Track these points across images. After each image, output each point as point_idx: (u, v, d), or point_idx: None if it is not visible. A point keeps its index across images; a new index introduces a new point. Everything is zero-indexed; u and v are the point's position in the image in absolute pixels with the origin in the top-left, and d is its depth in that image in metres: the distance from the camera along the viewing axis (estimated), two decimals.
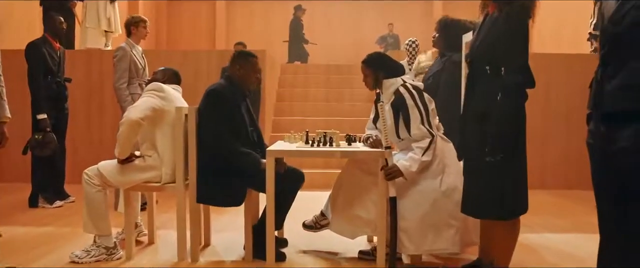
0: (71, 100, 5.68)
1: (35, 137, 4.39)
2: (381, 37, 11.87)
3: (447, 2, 12.59)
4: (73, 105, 5.71)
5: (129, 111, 2.89)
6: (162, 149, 3.01)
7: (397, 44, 11.57)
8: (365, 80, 3.03)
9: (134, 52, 4.41)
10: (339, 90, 7.52)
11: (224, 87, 2.99)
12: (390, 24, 11.94)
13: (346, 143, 3.10)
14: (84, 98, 5.88)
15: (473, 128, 2.42)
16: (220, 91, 2.96)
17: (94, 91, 5.89)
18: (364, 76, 3.03)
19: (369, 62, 2.99)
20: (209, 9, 12.60)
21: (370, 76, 2.98)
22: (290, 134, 3.32)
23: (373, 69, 2.96)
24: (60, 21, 4.66)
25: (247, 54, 3.11)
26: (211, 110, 2.92)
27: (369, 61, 2.99)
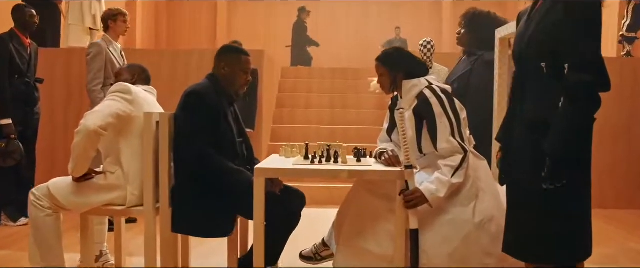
0: (49, 104, 5.15)
1: None
2: (388, 41, 11.36)
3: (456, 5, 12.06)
4: (51, 109, 5.18)
5: (86, 118, 2.33)
6: (128, 165, 2.45)
7: (405, 48, 11.03)
8: (380, 81, 2.46)
9: (111, 49, 3.86)
10: (345, 96, 6.95)
11: (207, 89, 2.42)
12: (397, 28, 11.45)
13: (354, 159, 2.53)
14: (63, 101, 5.33)
15: (523, 144, 1.83)
16: (202, 93, 2.39)
17: (73, 94, 5.34)
18: (378, 76, 2.47)
19: (385, 59, 2.42)
20: (211, 9, 12.10)
21: (387, 76, 2.41)
22: (286, 147, 2.74)
23: (390, 67, 2.40)
24: (31, 14, 4.12)
25: (235, 49, 2.55)
26: (190, 116, 2.35)
27: (385, 58, 2.43)
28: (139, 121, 2.43)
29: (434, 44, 4.79)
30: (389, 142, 2.62)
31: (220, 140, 2.38)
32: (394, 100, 2.56)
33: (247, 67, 2.50)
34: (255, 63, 5.06)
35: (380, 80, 2.46)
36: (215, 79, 2.48)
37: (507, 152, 1.97)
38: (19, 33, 4.08)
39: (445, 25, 12.22)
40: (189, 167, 2.36)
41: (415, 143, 2.33)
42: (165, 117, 2.40)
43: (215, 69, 2.50)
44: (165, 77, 5.07)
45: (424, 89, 2.32)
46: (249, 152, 2.60)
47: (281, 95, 6.97)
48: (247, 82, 2.52)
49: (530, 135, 1.79)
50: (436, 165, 2.26)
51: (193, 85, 2.45)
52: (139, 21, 10.35)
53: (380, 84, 2.48)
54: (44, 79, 4.29)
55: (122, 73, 2.68)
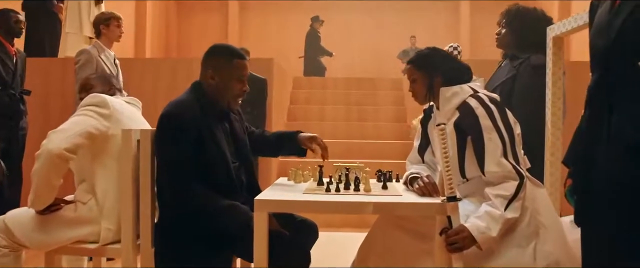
0: (41, 118, 4.76)
1: None
2: (403, 51, 10.95)
3: (474, 13, 11.61)
4: (44, 123, 4.77)
5: (49, 138, 1.90)
6: (104, 193, 2.01)
7: None
8: (413, 88, 2.00)
9: (102, 56, 3.46)
10: (361, 108, 6.47)
11: (186, 107, 1.92)
12: (412, 37, 11.04)
13: (379, 185, 2.06)
14: (58, 114, 4.93)
15: (615, 173, 1.35)
16: (179, 115, 1.89)
17: (69, 106, 4.93)
18: (410, 82, 2.01)
19: (419, 61, 1.97)
20: (222, 18, 11.80)
21: (421, 82, 1.96)
22: (295, 170, 2.29)
23: (426, 70, 1.95)
24: (17, 19, 3.74)
25: (227, 50, 2.03)
26: (167, 144, 1.89)
27: (419, 59, 1.98)
28: (118, 141, 1.99)
29: (461, 49, 4.33)
30: (420, 164, 2.15)
31: (209, 167, 1.92)
32: (427, 112, 2.10)
33: (242, 74, 2.00)
34: (264, 72, 4.64)
35: (412, 87, 2.01)
36: (200, 90, 1.99)
37: (585, 182, 1.48)
38: (3, 40, 3.70)
39: (462, 32, 11.78)
40: (172, 203, 1.91)
41: (456, 164, 1.86)
42: (147, 134, 1.96)
43: (201, 76, 2.02)
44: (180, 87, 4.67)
45: (468, 97, 1.85)
46: (249, 176, 2.13)
47: (293, 107, 6.53)
48: (242, 92, 2.02)
49: (628, 162, 1.30)
50: (482, 193, 1.79)
51: (171, 101, 1.97)
52: (149, 30, 10.09)
53: (412, 91, 2.02)
54: (31, 91, 3.89)
55: (93, 84, 2.25)
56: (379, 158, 5.49)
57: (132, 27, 9.74)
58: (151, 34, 10.26)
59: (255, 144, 2.24)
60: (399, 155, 5.52)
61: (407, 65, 2.01)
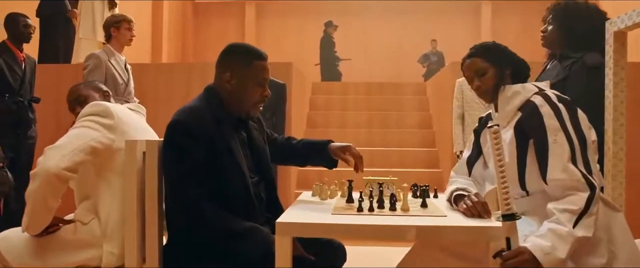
0: (53, 126, 4.61)
1: None
2: (424, 55, 10.71)
3: (496, 15, 11.28)
4: (55, 132, 4.60)
5: (46, 155, 1.68)
6: (108, 213, 1.78)
7: (442, 61, 10.42)
8: (482, 82, 1.73)
9: (112, 61, 3.27)
10: (384, 114, 6.20)
11: (197, 115, 1.68)
12: (433, 40, 10.77)
13: (416, 201, 1.80)
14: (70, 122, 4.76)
15: None
16: (188, 124, 1.65)
17: None
18: (477, 77, 1.74)
19: (489, 52, 1.73)
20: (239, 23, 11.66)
21: (493, 75, 1.71)
22: (320, 185, 2.04)
23: (497, 62, 1.72)
24: (25, 23, 3.58)
25: (246, 49, 1.79)
26: (175, 158, 1.65)
27: (486, 50, 1.73)
28: (124, 154, 1.77)
29: None
30: (466, 177, 1.88)
31: (223, 183, 1.68)
32: (482, 122, 1.85)
33: (262, 77, 1.75)
34: (283, 77, 4.40)
35: (480, 82, 1.73)
36: (214, 96, 1.75)
37: None
38: (11, 46, 3.55)
39: (483, 34, 11.45)
40: (181, 224, 1.68)
41: (516, 176, 1.60)
42: (154, 145, 1.73)
43: (217, 79, 1.78)
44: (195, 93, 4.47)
45: (533, 95, 1.60)
46: (270, 193, 1.88)
47: (312, 113, 6.28)
48: (263, 97, 1.77)
49: None
50: (543, 211, 1.52)
51: (181, 108, 1.73)
52: (166, 35, 9.99)
53: (479, 87, 1.74)
54: (40, 98, 3.71)
55: (87, 94, 2.03)
56: (403, 166, 5.22)
57: (148, 32, 9.64)
58: (168, 39, 10.16)
59: (280, 152, 2.02)
60: (424, 163, 5.24)
61: (469, 59, 1.75)
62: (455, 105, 4.10)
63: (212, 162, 1.64)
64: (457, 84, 4.12)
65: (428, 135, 5.69)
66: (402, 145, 5.62)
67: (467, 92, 4.06)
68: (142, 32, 9.20)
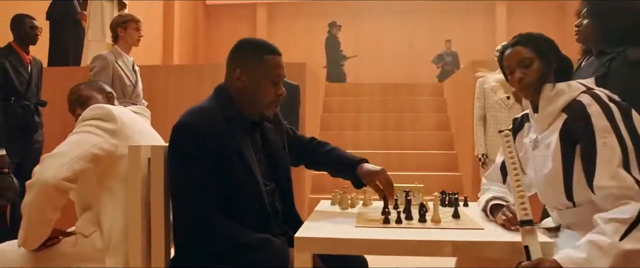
0: (60, 130, 4.51)
1: None
2: (438, 56, 10.54)
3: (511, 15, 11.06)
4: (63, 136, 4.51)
5: (43, 164, 1.54)
6: (111, 224, 1.64)
7: (457, 62, 10.23)
8: (525, 75, 1.53)
9: (119, 63, 3.14)
10: (399, 116, 6.02)
11: (205, 116, 1.53)
12: (447, 41, 10.58)
13: (446, 211, 1.64)
14: None
15: None
16: (195, 126, 1.49)
17: None
18: (520, 67, 1.54)
19: (537, 43, 1.54)
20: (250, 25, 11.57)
21: (538, 68, 1.52)
22: (341, 193, 1.88)
23: (544, 55, 1.53)
24: (32, 25, 3.47)
25: (258, 44, 1.64)
26: (180, 163, 1.50)
27: (537, 41, 1.55)
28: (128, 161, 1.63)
29: None
30: (500, 185, 1.72)
31: (235, 192, 1.52)
32: (518, 123, 1.68)
33: (276, 73, 1.60)
34: (297, 78, 4.26)
35: (523, 73, 1.53)
36: (224, 96, 1.60)
37: None
38: (17, 48, 3.44)
39: (498, 35, 11.23)
40: (188, 236, 1.53)
41: (562, 185, 1.43)
42: (160, 151, 1.58)
43: (227, 78, 1.63)
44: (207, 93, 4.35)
45: (580, 94, 1.43)
46: (286, 203, 1.73)
47: (325, 115, 6.12)
48: (277, 97, 1.62)
49: None
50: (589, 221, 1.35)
51: (189, 109, 1.58)
52: (177, 38, 9.93)
53: (520, 79, 1.54)
54: (47, 102, 3.61)
55: (88, 95, 1.89)
56: (420, 170, 5.04)
57: (160, 34, 9.58)
58: (179, 41, 10.09)
59: (309, 156, 1.87)
60: (442, 166, 5.06)
61: (512, 49, 1.56)
62: (477, 106, 3.92)
63: (221, 167, 1.49)
64: (478, 83, 3.94)
65: (446, 138, 5.50)
66: (419, 147, 5.44)
67: (488, 92, 3.87)
68: (153, 34, 9.15)
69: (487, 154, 3.83)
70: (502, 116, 3.81)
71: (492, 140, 3.83)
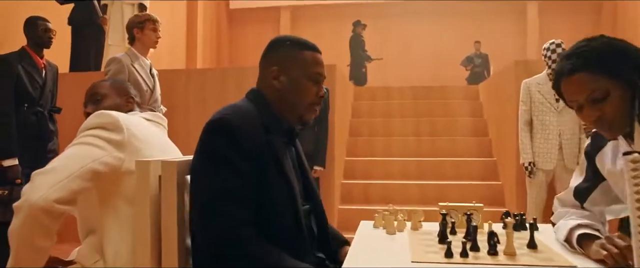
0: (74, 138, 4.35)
1: None
2: (467, 58, 10.19)
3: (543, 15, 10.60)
4: None
5: (33, 183, 1.30)
6: (115, 252, 1.39)
7: (487, 64, 9.85)
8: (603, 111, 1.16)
9: (136, 66, 2.92)
10: (432, 120, 5.69)
11: (245, 116, 1.28)
12: (477, 42, 10.22)
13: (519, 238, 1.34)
14: None
15: None
16: (232, 122, 1.24)
17: None
18: (592, 103, 1.17)
19: (603, 62, 1.15)
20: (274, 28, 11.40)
21: (619, 96, 1.14)
22: (387, 213, 1.60)
23: (621, 75, 1.14)
24: (45, 27, 3.28)
25: (296, 41, 1.40)
26: (211, 166, 1.22)
27: (603, 58, 1.15)
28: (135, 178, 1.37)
29: (564, 47, 3.51)
30: (579, 210, 1.40)
31: (269, 210, 1.26)
32: (595, 140, 1.36)
33: (316, 71, 1.36)
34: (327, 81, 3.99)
35: (597, 111, 1.17)
36: (260, 100, 1.36)
37: None
38: (31, 51, 3.25)
39: (530, 35, 10.80)
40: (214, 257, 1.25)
41: None
42: (172, 167, 1.32)
43: (262, 79, 1.39)
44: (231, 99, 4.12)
45: None
46: (321, 224, 1.45)
47: (354, 120, 5.83)
48: (318, 99, 1.37)
49: None
50: None
51: (225, 107, 1.32)
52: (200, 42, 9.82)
53: (597, 119, 1.18)
54: (62, 108, 3.42)
55: (104, 93, 1.65)
56: (457, 179, 4.71)
57: (183, 39, 9.46)
58: (202, 46, 9.97)
59: None
60: (481, 175, 4.71)
61: (571, 74, 1.17)
62: (522, 110, 3.59)
63: (258, 179, 1.24)
64: (524, 85, 3.61)
65: (484, 144, 5.15)
66: (455, 154, 5.09)
67: (535, 94, 3.54)
68: (176, 39, 9.02)
69: (535, 162, 3.49)
70: (551, 120, 3.47)
71: (540, 147, 3.49)
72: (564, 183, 3.44)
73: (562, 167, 3.45)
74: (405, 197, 4.44)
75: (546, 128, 3.49)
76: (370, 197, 4.53)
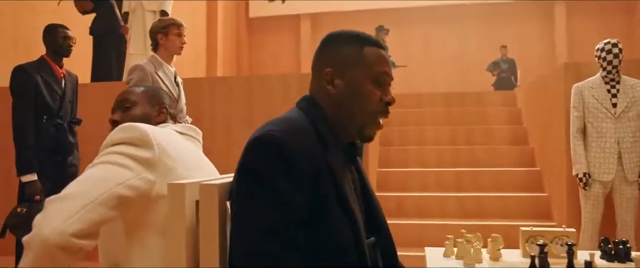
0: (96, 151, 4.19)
1: (17, 210, 2.82)
2: (493, 63, 9.91)
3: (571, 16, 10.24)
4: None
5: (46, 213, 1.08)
6: None
7: (513, 69, 9.58)
8: None
9: (160, 74, 2.72)
10: (468, 128, 5.39)
11: (299, 132, 1.03)
12: (503, 47, 9.95)
13: None
14: None
15: None
16: (284, 140, 0.98)
17: None
18: None
19: None
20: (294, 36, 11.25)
21: None
22: (461, 240, 1.35)
23: None
24: (65, 35, 3.11)
25: (353, 35, 1.14)
26: (254, 196, 0.98)
27: None
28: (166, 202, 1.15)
29: (621, 47, 3.22)
30: None
31: (326, 247, 1.01)
32: None
33: (381, 71, 1.10)
34: None
35: None
36: (315, 109, 1.11)
37: None
38: (50, 61, 3.08)
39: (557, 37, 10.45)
40: None
41: None
42: (212, 191, 1.09)
43: (313, 85, 1.14)
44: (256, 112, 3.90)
45: None
46: (388, 261, 1.20)
47: (386, 129, 5.57)
48: (385, 107, 1.12)
49: None
50: None
51: (273, 120, 1.07)
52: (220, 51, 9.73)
53: None
54: (82, 120, 3.23)
55: (134, 100, 1.42)
56: (498, 190, 4.42)
57: (203, 48, 9.36)
58: (222, 54, 9.86)
59: None
60: (524, 186, 4.42)
61: None
62: (574, 116, 3.30)
63: (315, 210, 0.99)
64: (575, 89, 3.32)
65: (525, 153, 4.84)
66: (494, 164, 4.80)
67: (589, 99, 3.25)
68: (196, 48, 8.91)
69: (590, 173, 3.19)
70: (608, 127, 3.17)
71: (596, 157, 3.19)
72: (624, 196, 3.15)
73: (621, 178, 3.15)
74: (443, 210, 4.16)
75: (602, 136, 3.19)
76: (405, 210, 4.26)
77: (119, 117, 1.38)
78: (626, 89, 3.19)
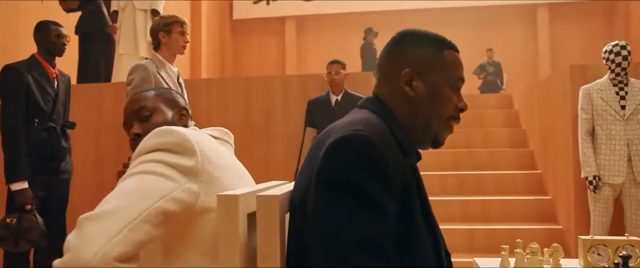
0: (92, 158, 3.98)
1: (6, 221, 2.64)
2: (480, 66, 9.99)
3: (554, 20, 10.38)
4: (96, 165, 3.98)
5: (82, 232, 0.91)
6: None
7: (499, 72, 9.65)
8: None
9: (162, 74, 2.57)
10: (467, 131, 5.33)
11: (385, 139, 0.91)
12: (489, 50, 10.04)
13: None
14: (112, 150, 4.12)
15: None
16: (375, 148, 0.86)
17: (124, 141, 4.13)
18: None
19: None
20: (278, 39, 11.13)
21: None
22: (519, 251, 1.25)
23: None
24: (58, 33, 2.93)
25: (431, 35, 1.04)
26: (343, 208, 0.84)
27: None
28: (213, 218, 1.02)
29: (630, 49, 3.19)
30: None
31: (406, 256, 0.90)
32: None
33: (459, 77, 1.04)
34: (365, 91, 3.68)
35: None
36: (388, 112, 1.00)
37: None
38: (42, 60, 2.90)
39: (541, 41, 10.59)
40: None
41: None
42: (273, 203, 0.96)
43: (383, 85, 1.04)
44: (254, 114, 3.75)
45: None
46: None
47: None
48: (458, 113, 1.04)
49: None
50: None
51: (350, 121, 0.94)
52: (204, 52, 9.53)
53: None
54: (76, 123, 3.05)
55: (155, 108, 1.26)
56: (500, 193, 4.37)
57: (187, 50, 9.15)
58: (206, 56, 9.66)
59: None
60: (526, 189, 4.37)
61: None
62: (582, 119, 3.26)
63: (402, 222, 0.89)
64: (584, 91, 3.28)
65: (525, 155, 4.81)
66: (495, 167, 4.75)
67: (598, 101, 3.21)
68: None
69: (600, 176, 3.15)
70: (617, 129, 3.14)
71: (605, 159, 3.15)
72: (633, 199, 3.11)
73: (631, 180, 3.12)
74: (447, 214, 4.09)
75: (612, 138, 3.16)
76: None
77: (141, 129, 1.22)
78: (634, 91, 3.16)
